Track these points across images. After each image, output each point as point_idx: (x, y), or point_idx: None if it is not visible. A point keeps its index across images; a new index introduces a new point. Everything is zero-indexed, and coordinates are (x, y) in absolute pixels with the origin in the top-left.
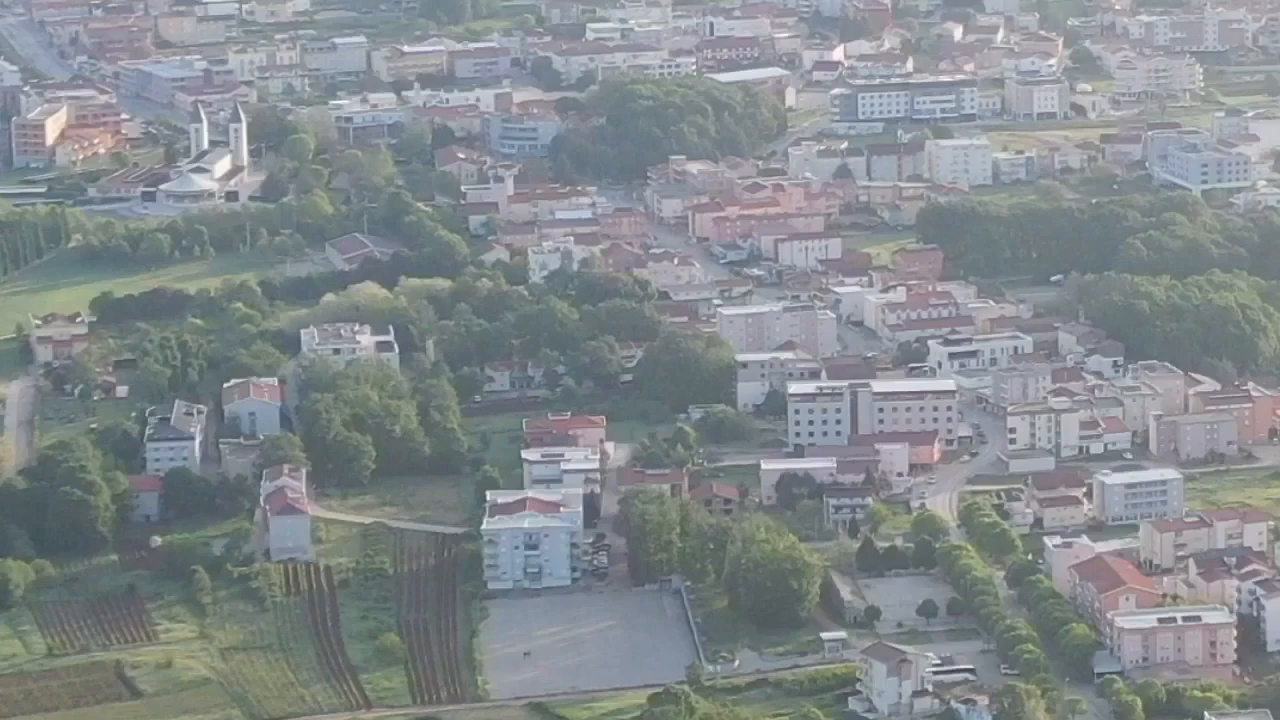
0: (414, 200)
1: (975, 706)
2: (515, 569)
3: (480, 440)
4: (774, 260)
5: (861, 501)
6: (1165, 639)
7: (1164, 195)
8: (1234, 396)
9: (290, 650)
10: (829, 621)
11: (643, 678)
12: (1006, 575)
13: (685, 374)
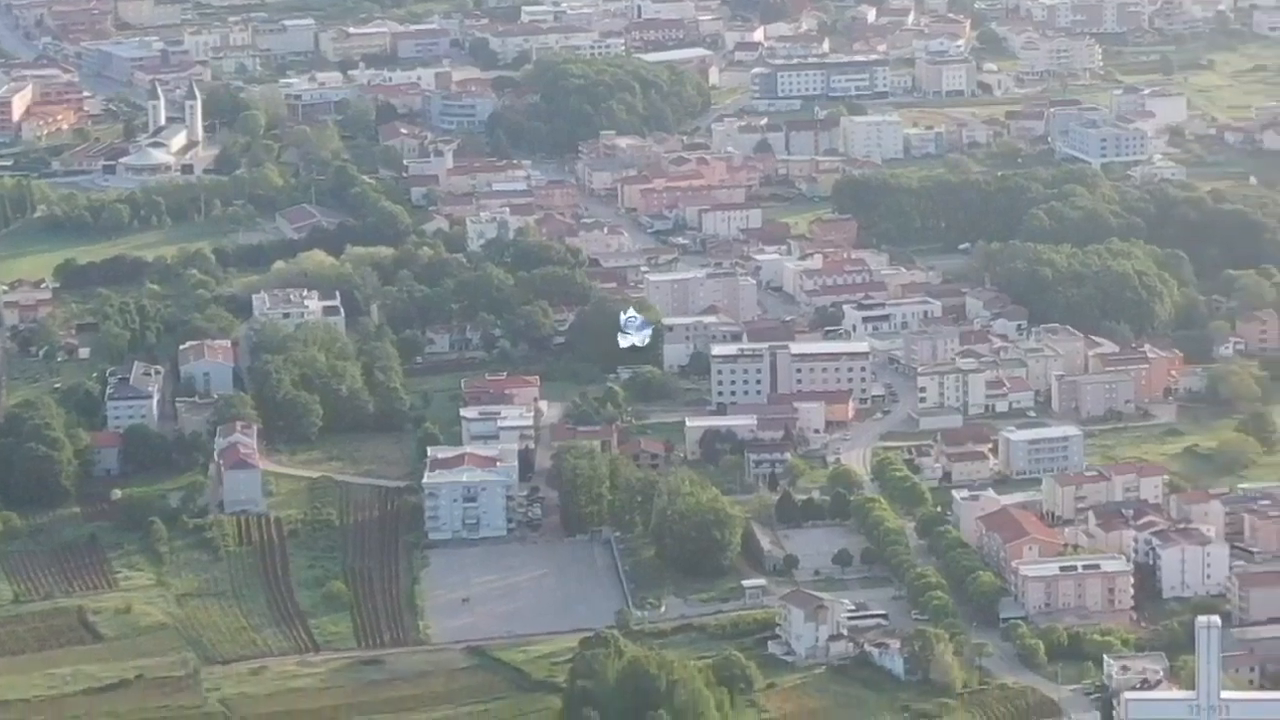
0: (359, 173)
1: (887, 650)
2: (454, 520)
3: (421, 399)
4: (698, 229)
5: (780, 457)
6: (1066, 586)
7: (1065, 168)
8: (1131, 358)
9: (242, 597)
10: (750, 569)
11: (574, 623)
12: (917, 526)
13: (614, 337)
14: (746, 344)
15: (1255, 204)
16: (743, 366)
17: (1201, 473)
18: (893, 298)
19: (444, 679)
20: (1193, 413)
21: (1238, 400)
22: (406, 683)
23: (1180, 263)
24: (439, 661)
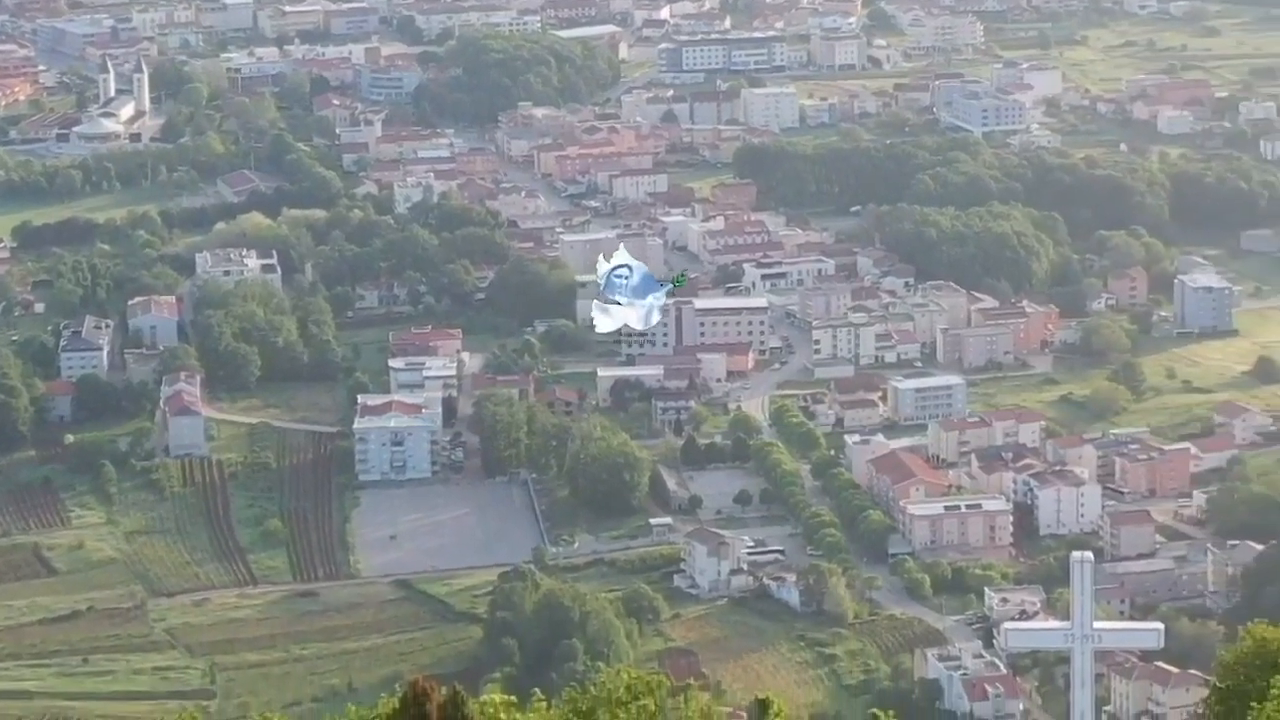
0: (294, 141)
1: (784, 583)
2: (382, 463)
3: (352, 350)
4: (609, 193)
5: (685, 404)
6: (950, 524)
7: (949, 137)
8: (1010, 312)
9: (186, 534)
10: (656, 509)
11: (494, 558)
12: (811, 468)
13: (531, 293)
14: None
15: (1125, 170)
16: None
17: (1076, 419)
18: (789, 256)
19: (373, 610)
20: (1067, 363)
21: (1109, 351)
22: (338, 613)
23: (1056, 224)
24: (368, 594)
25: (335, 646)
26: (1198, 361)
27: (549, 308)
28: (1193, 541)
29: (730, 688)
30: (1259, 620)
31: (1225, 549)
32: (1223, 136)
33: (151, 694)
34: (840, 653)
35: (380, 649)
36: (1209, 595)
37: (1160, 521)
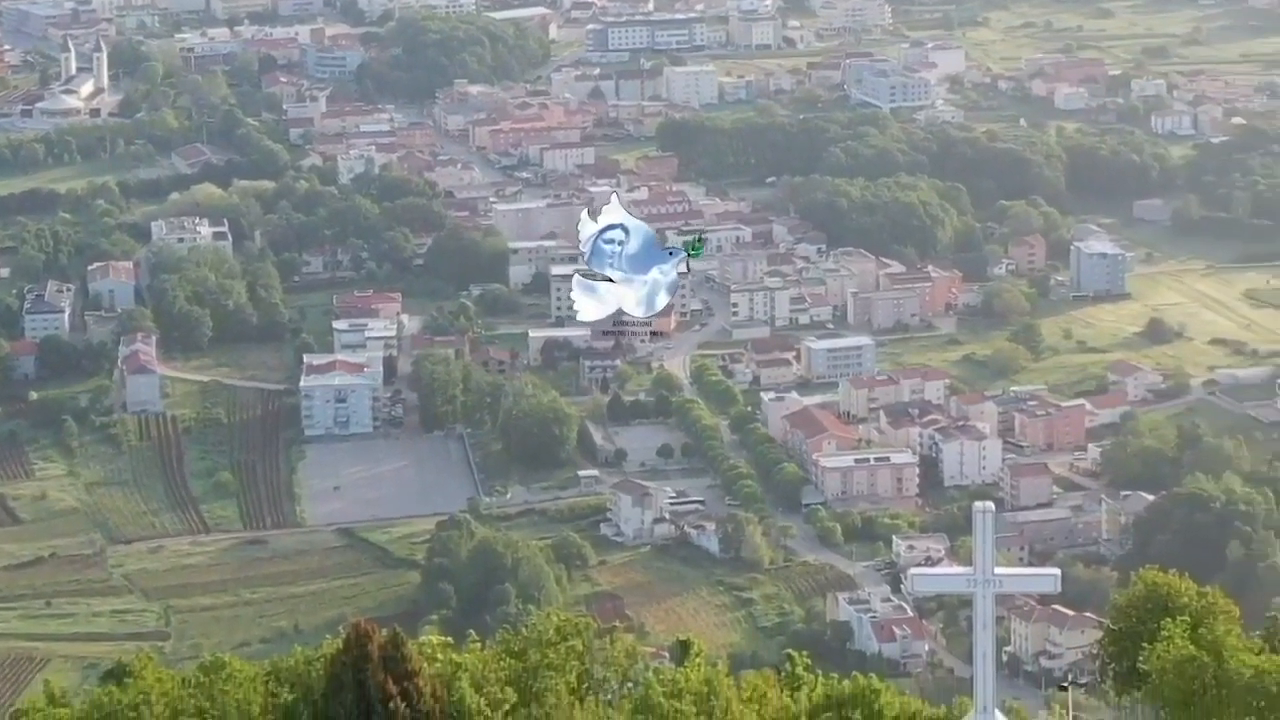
0: (244, 116)
1: (704, 531)
2: (327, 418)
3: (298, 312)
4: (539, 165)
5: (611, 363)
6: (860, 476)
7: (859, 112)
8: (916, 277)
9: (143, 485)
10: (584, 462)
11: (431, 508)
12: (730, 423)
13: (466, 258)
14: (581, 265)
15: (1024, 143)
16: None
17: (978, 377)
18: (709, 224)
19: (318, 557)
20: (970, 325)
21: (1009, 314)
22: (285, 560)
23: (959, 194)
24: (314, 541)
25: (283, 591)
26: (1092, 323)
27: (483, 273)
28: (1087, 492)
29: (653, 629)
30: (1150, 566)
31: (1118, 499)
32: (1116, 112)
33: (110, 635)
34: (757, 597)
35: (325, 593)
36: (1103, 543)
37: (1057, 473)
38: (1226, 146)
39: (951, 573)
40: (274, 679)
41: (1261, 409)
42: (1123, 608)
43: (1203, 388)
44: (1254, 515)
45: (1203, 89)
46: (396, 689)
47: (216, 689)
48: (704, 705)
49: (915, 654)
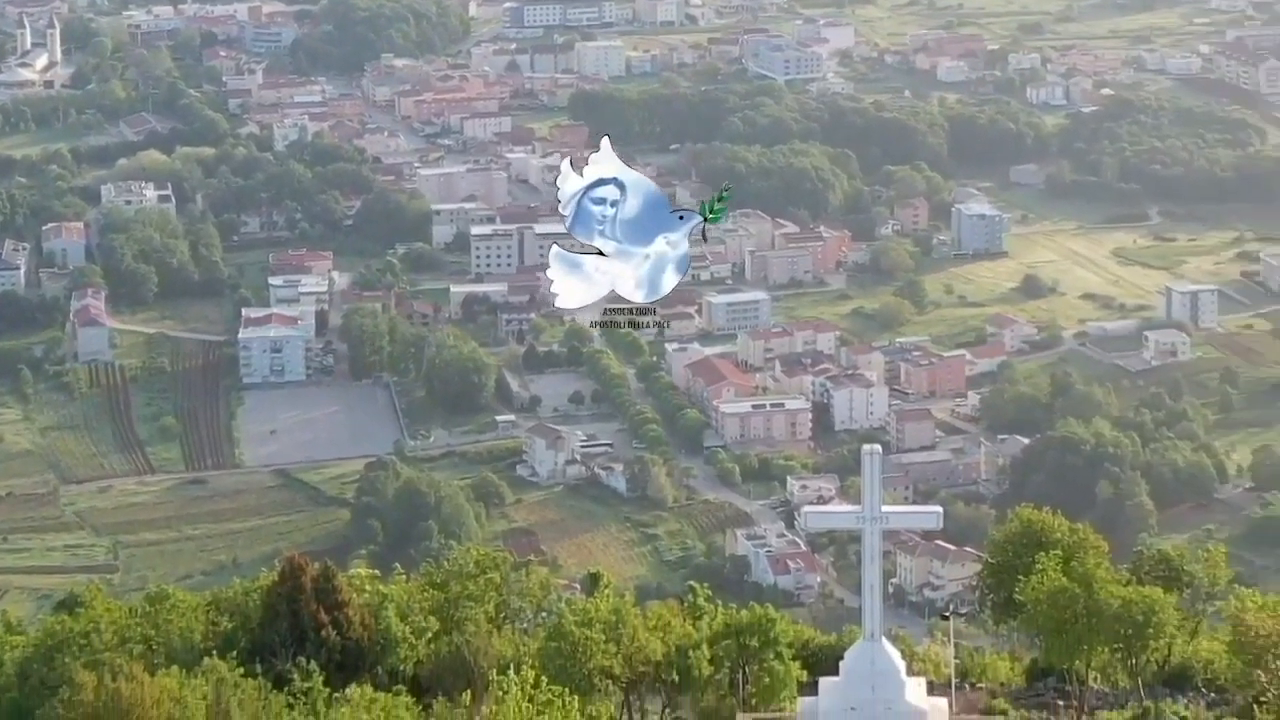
0: (186, 88)
1: (613, 472)
2: (263, 367)
3: (237, 269)
4: (460, 133)
5: (526, 316)
6: (757, 421)
7: (756, 84)
8: (809, 237)
9: (93, 429)
10: (501, 407)
11: (360, 450)
12: (636, 372)
13: (392, 219)
14: (499, 225)
15: (909, 113)
16: (496, 243)
17: (866, 329)
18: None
19: (255, 496)
20: (859, 281)
21: (895, 271)
22: (225, 498)
23: (848, 160)
24: (251, 481)
25: (222, 527)
26: (972, 279)
27: (408, 232)
28: (967, 436)
29: (566, 563)
30: (1025, 504)
31: (996, 442)
32: (994, 84)
33: (63, 568)
34: (661, 533)
35: (261, 529)
36: (981, 483)
37: (939, 418)
38: (1096, 116)
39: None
40: (214, 609)
41: (1128, 359)
42: (1000, 543)
43: (1074, 339)
44: (1121, 457)
45: (1074, 63)
46: (328, 618)
47: (161, 618)
48: (612, 633)
49: (808, 586)
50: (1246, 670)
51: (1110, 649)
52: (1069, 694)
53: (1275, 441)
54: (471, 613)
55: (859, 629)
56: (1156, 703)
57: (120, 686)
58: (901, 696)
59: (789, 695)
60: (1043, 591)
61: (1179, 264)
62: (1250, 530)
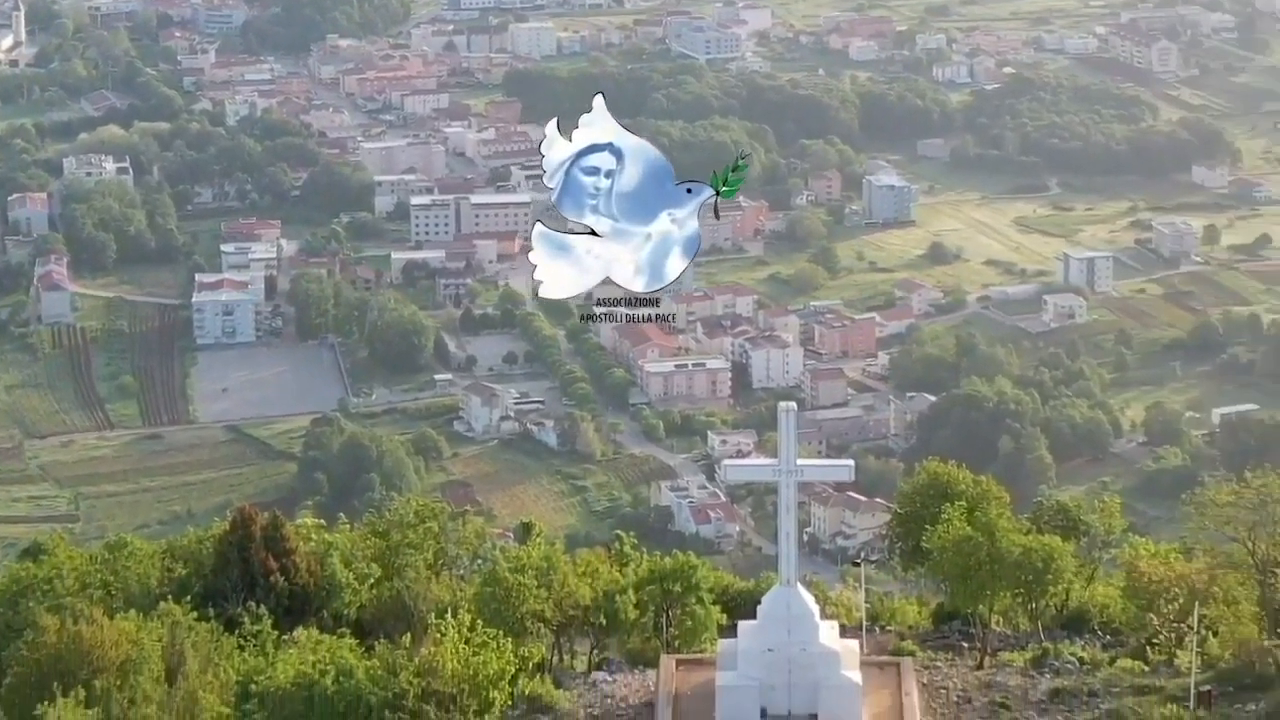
0: (144, 66)
1: (544, 427)
2: (216, 329)
3: (191, 237)
4: (400, 109)
5: (463, 281)
6: (680, 379)
7: (679, 63)
8: (729, 206)
9: (55, 387)
10: (440, 367)
11: (306, 407)
12: (566, 334)
13: (337, 190)
14: (438, 196)
15: (822, 90)
16: (434, 213)
17: (782, 294)
18: None
19: (208, 450)
20: (775, 248)
21: (809, 238)
22: (180, 452)
23: (766, 134)
24: (204, 436)
25: (177, 479)
26: (882, 247)
27: (352, 202)
28: (877, 394)
29: (500, 513)
30: (931, 458)
31: (904, 400)
32: (902, 63)
33: (27, 518)
34: (590, 485)
35: (213, 481)
36: (891, 438)
37: (851, 377)
38: (998, 93)
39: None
40: (170, 556)
41: (1028, 321)
42: (908, 494)
43: (977, 303)
44: (1022, 413)
45: (978, 43)
46: (276, 565)
47: (119, 565)
48: (544, 579)
49: (728, 534)
50: (1140, 614)
51: (1012, 594)
52: (973, 636)
53: (1167, 399)
54: (411, 560)
55: (775, 575)
56: (1055, 644)
57: (81, 629)
58: (815, 639)
59: (710, 637)
60: (948, 540)
61: (1076, 232)
62: (1143, 482)
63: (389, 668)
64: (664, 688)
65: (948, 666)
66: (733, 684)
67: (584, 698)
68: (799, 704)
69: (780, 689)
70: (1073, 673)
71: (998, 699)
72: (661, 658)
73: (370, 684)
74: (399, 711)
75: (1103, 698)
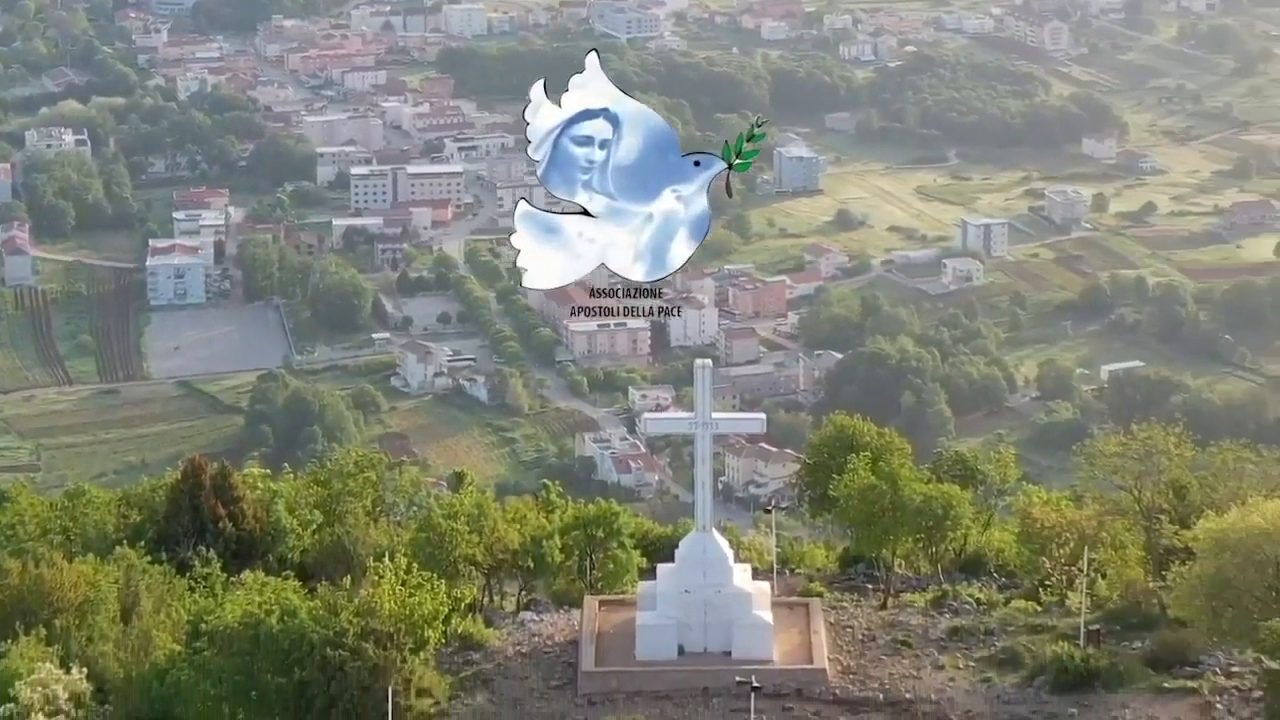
0: (101, 45)
1: (476, 383)
2: (168, 291)
3: (145, 205)
4: (341, 85)
5: (400, 246)
6: (603, 338)
7: (602, 41)
8: None
9: (18, 346)
10: (378, 326)
11: (253, 364)
12: (496, 295)
13: (281, 161)
14: (376, 166)
15: (736, 67)
16: (373, 182)
17: (698, 257)
18: (479, 133)
19: (161, 404)
20: None
21: (724, 206)
22: (135, 407)
23: (683, 109)
24: (158, 392)
25: (132, 432)
26: (792, 214)
27: (295, 172)
28: (788, 351)
29: (434, 463)
30: (838, 411)
31: (812, 357)
32: (811, 42)
33: None
34: (519, 436)
35: (166, 434)
36: (800, 393)
37: (763, 336)
38: (901, 70)
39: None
40: (125, 504)
41: (929, 284)
42: (816, 445)
43: (881, 266)
44: (923, 370)
45: (881, 23)
46: (225, 511)
47: (78, 512)
48: (475, 525)
49: (647, 483)
50: (1033, 558)
51: (913, 539)
52: (877, 578)
53: (1058, 357)
54: (351, 507)
55: (692, 521)
56: (954, 586)
57: (43, 572)
58: (729, 581)
59: (631, 580)
60: (853, 488)
61: (974, 200)
62: (1036, 434)
63: (330, 608)
64: (588, 627)
65: (853, 607)
66: (652, 623)
67: (513, 636)
68: (714, 642)
69: (696, 628)
70: (970, 613)
71: (900, 637)
72: (585, 598)
73: (313, 623)
74: (339, 649)
75: (998, 636)
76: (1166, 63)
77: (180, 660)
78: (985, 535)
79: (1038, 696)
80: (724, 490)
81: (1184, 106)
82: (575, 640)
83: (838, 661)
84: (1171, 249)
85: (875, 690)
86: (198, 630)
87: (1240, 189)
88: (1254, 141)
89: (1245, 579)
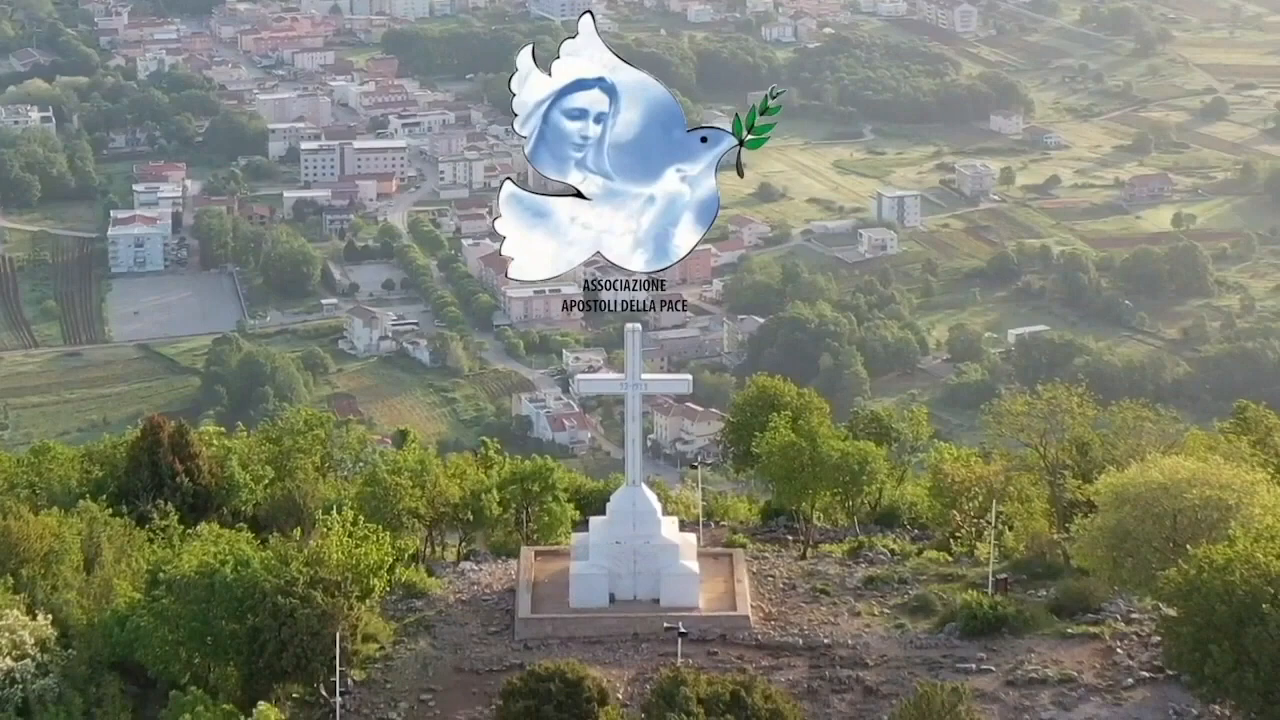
0: (65, 27)
1: (418, 346)
2: (128, 259)
3: (107, 178)
4: (291, 65)
5: (347, 217)
6: (538, 304)
7: (538, 24)
8: None
9: None
10: (326, 292)
11: (208, 328)
12: (438, 263)
13: (235, 136)
14: (324, 141)
15: (664, 48)
16: (321, 157)
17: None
18: (422, 110)
19: (122, 366)
20: None
21: None
22: (97, 368)
23: None
24: (119, 354)
25: (94, 392)
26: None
27: (248, 147)
28: (712, 316)
29: (379, 422)
30: (760, 373)
31: (736, 321)
32: (734, 24)
33: None
34: (459, 396)
35: (126, 394)
36: (724, 355)
37: (690, 301)
38: (819, 50)
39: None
40: (88, 460)
41: (846, 252)
42: (740, 405)
43: (801, 236)
44: (840, 334)
45: (801, 6)
46: (182, 467)
47: (43, 467)
48: (418, 480)
49: (580, 441)
50: (944, 511)
51: (831, 493)
52: (797, 530)
53: (968, 321)
54: (301, 463)
55: (623, 476)
56: (870, 537)
57: (9, 524)
58: (658, 532)
59: (565, 531)
60: (775, 445)
61: (888, 173)
62: (947, 394)
63: (281, 558)
64: (524, 576)
65: (775, 557)
66: (585, 572)
67: (453, 585)
68: (643, 590)
69: (627, 577)
70: (885, 562)
71: (819, 585)
72: (522, 549)
73: (265, 572)
74: (290, 597)
75: (911, 585)
76: (1070, 44)
77: (140, 607)
78: (899, 489)
79: (949, 642)
80: (653, 447)
81: (1086, 85)
82: (512, 589)
83: (760, 609)
84: (1074, 220)
85: (795, 636)
86: (156, 579)
87: (1139, 163)
88: (1152, 118)
89: (1144, 531)
